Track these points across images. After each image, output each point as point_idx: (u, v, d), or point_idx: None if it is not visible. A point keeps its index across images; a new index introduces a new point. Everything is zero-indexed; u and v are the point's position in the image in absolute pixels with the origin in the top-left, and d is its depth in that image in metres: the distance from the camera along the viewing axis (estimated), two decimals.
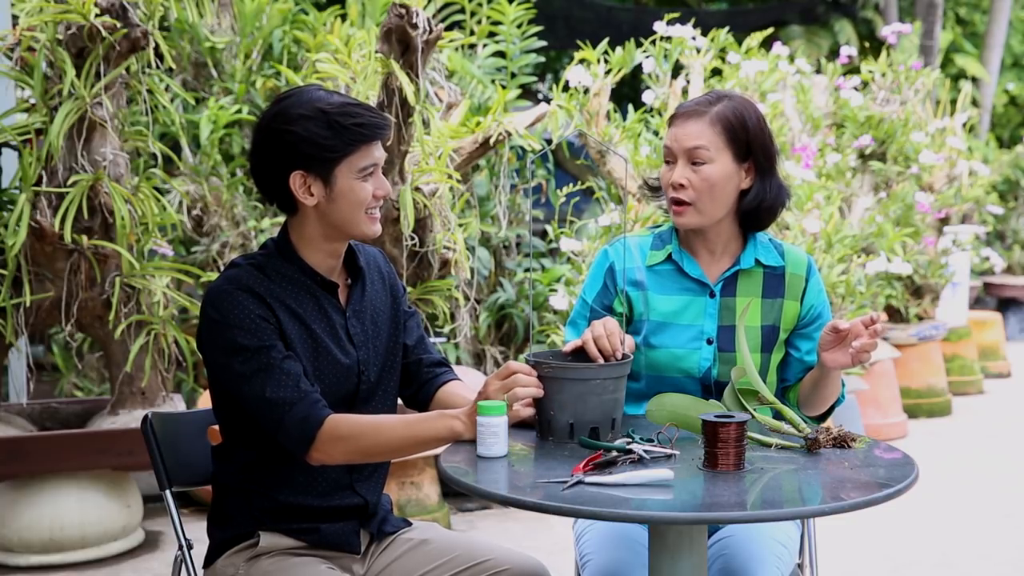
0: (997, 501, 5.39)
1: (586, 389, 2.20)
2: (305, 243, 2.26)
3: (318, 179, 2.19)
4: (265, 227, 5.44)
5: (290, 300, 2.24)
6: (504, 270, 6.16)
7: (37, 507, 4.21)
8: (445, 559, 2.34)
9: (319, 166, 2.18)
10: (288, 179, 2.20)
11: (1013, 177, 11.14)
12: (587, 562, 2.40)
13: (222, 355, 2.19)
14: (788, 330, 2.55)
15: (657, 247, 2.58)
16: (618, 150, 5.13)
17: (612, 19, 10.65)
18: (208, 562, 2.35)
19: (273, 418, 2.16)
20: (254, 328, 2.17)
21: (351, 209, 2.21)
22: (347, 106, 2.19)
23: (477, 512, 5.07)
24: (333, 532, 2.31)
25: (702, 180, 2.45)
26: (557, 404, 2.21)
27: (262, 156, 2.23)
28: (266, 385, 2.15)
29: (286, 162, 2.19)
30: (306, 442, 2.16)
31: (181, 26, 5.75)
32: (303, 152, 2.17)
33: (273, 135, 2.20)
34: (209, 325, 2.20)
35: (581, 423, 2.21)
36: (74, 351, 4.99)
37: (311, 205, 2.21)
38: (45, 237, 4.11)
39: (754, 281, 2.54)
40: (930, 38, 12.23)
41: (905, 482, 2.00)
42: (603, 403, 2.22)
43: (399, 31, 4.02)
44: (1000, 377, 8.77)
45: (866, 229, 6.33)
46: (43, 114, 4.16)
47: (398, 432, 2.20)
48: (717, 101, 2.48)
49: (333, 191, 2.20)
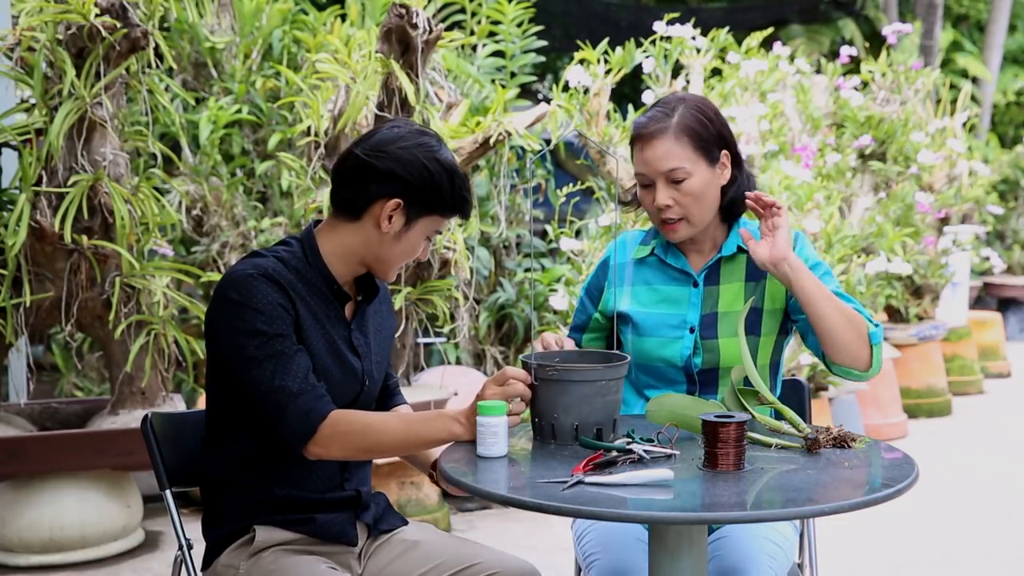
0: (997, 501, 5.39)
1: (592, 391, 2.20)
2: (337, 253, 2.29)
3: (404, 216, 2.24)
4: (265, 227, 5.44)
5: (309, 298, 2.26)
6: (504, 270, 6.16)
7: (37, 507, 4.21)
8: (435, 563, 2.34)
9: (418, 207, 2.24)
10: (384, 198, 2.23)
11: (1013, 177, 11.14)
12: (593, 562, 2.40)
13: (238, 336, 2.19)
14: (777, 308, 2.53)
15: (646, 241, 2.62)
16: (617, 150, 5.13)
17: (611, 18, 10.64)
18: (206, 564, 2.35)
19: (277, 406, 2.17)
20: (274, 315, 2.18)
21: (402, 254, 2.29)
22: (465, 179, 2.31)
23: (477, 512, 5.07)
24: (328, 522, 2.32)
25: (686, 196, 2.46)
26: (561, 407, 2.20)
27: (380, 164, 2.23)
28: (276, 372, 2.17)
29: (398, 186, 2.23)
30: (306, 435, 2.17)
31: (181, 26, 5.75)
32: (418, 188, 2.23)
33: (406, 158, 2.23)
34: (229, 306, 2.20)
35: (586, 425, 2.20)
36: (74, 351, 4.99)
37: (379, 231, 2.25)
38: (45, 237, 4.11)
39: (737, 266, 2.55)
40: (930, 38, 12.24)
41: (905, 482, 2.00)
42: (606, 404, 2.22)
43: (399, 31, 4.02)
44: (1000, 377, 8.77)
45: (866, 229, 6.33)
46: (43, 114, 4.16)
47: (398, 431, 2.21)
48: (673, 111, 2.47)
49: (405, 233, 2.26)
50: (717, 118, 2.50)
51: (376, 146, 2.24)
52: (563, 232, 5.16)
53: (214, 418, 2.33)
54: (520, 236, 6.27)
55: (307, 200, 4.48)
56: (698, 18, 6.57)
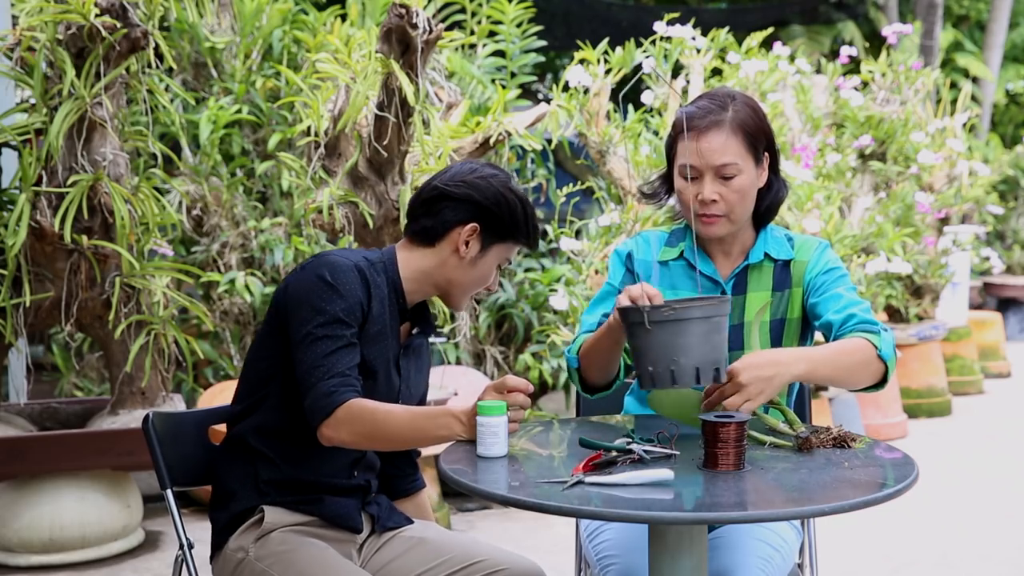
0: (997, 501, 5.39)
1: (709, 328, 2.11)
2: (412, 274, 2.38)
3: (480, 243, 2.35)
4: (265, 227, 5.44)
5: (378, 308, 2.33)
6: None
7: (37, 507, 4.21)
8: (442, 559, 2.37)
9: (493, 233, 2.35)
10: (462, 223, 2.34)
11: (1013, 176, 11.15)
12: (610, 565, 2.38)
13: (311, 311, 2.25)
14: (797, 317, 2.52)
15: (671, 243, 2.57)
16: (617, 150, 5.13)
17: (612, 18, 10.63)
18: (214, 550, 2.36)
19: (311, 380, 2.22)
20: (351, 306, 2.26)
21: (474, 282, 2.38)
22: (535, 212, 2.43)
23: (477, 512, 5.08)
24: (336, 505, 2.36)
25: (734, 192, 2.42)
26: (681, 348, 2.10)
27: (458, 192, 2.34)
28: (328, 351, 2.23)
29: (478, 212, 2.34)
30: (324, 413, 2.21)
31: (181, 26, 5.75)
32: (496, 215, 2.34)
33: (482, 185, 2.35)
34: (316, 282, 2.26)
35: (706, 364, 2.12)
36: (74, 351, 4.99)
37: (457, 255, 2.35)
38: (45, 237, 4.11)
39: (765, 276, 2.52)
40: (930, 38, 12.25)
41: (905, 482, 2.00)
42: (721, 343, 2.14)
43: (399, 31, 4.02)
44: (1000, 377, 8.77)
45: (866, 229, 6.33)
46: (43, 114, 4.16)
47: (403, 423, 2.23)
48: (727, 105, 2.43)
49: (481, 259, 2.36)
50: (765, 119, 2.47)
51: (454, 177, 2.36)
52: (563, 232, 5.16)
53: (249, 386, 2.38)
54: None
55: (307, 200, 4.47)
56: (698, 18, 6.57)
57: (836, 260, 2.52)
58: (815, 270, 2.50)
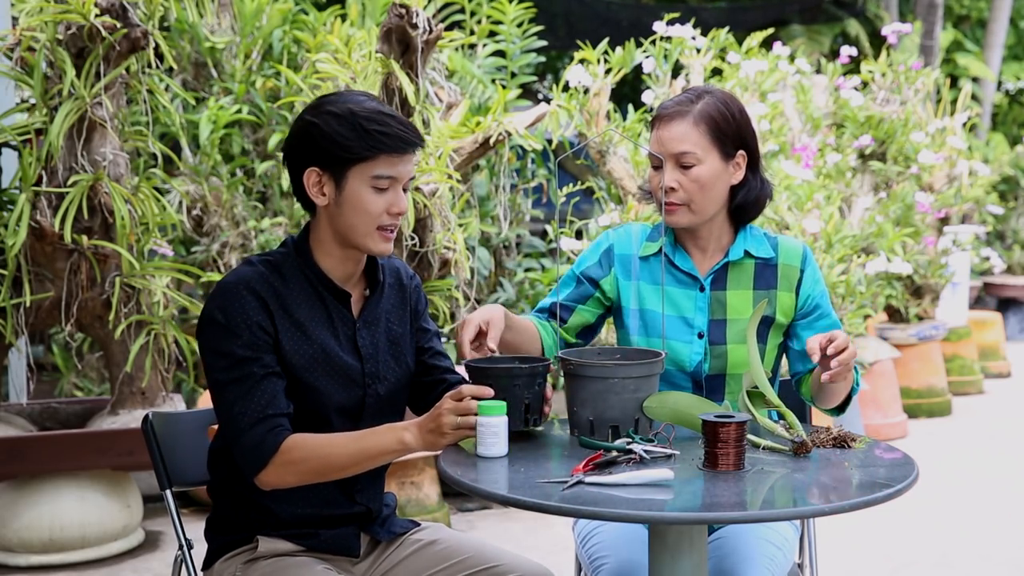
0: (997, 501, 5.39)
1: (605, 387, 2.21)
2: (320, 247, 2.24)
3: (331, 179, 2.18)
4: (265, 227, 5.44)
5: (296, 306, 2.21)
6: (504, 270, 6.16)
7: (37, 507, 4.21)
8: (454, 560, 2.33)
9: (333, 165, 2.17)
10: (303, 175, 2.20)
11: (1013, 176, 11.14)
12: (602, 565, 2.39)
13: (211, 354, 2.17)
14: (784, 322, 2.55)
15: (653, 238, 2.59)
16: (617, 150, 5.13)
17: (612, 17, 10.63)
18: (206, 565, 2.34)
19: (232, 434, 2.15)
20: (248, 337, 2.14)
21: (357, 217, 2.18)
22: (378, 113, 2.17)
23: (477, 512, 5.07)
24: (333, 537, 2.30)
25: (692, 182, 2.46)
26: (579, 400, 2.25)
27: (288, 148, 2.25)
28: (236, 398, 2.14)
29: (305, 156, 2.19)
30: (256, 467, 2.13)
31: (181, 26, 5.75)
32: (321, 147, 2.16)
33: (300, 127, 2.21)
34: (209, 322, 2.18)
35: (601, 420, 2.22)
36: (74, 351, 4.99)
37: (322, 205, 2.21)
38: (45, 237, 4.11)
39: (744, 273, 2.54)
40: (930, 38, 12.24)
41: (905, 482, 2.00)
42: (623, 402, 2.22)
43: (399, 31, 4.02)
44: (1000, 377, 8.77)
45: (866, 229, 6.33)
46: (43, 114, 4.16)
47: (348, 449, 2.16)
48: (698, 99, 2.48)
49: (342, 194, 2.18)
50: (741, 116, 2.50)
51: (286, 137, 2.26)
52: (563, 232, 5.16)
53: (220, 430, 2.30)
54: (520, 236, 6.27)
55: None
56: (698, 18, 6.57)
57: (819, 272, 2.58)
58: (812, 291, 2.55)
